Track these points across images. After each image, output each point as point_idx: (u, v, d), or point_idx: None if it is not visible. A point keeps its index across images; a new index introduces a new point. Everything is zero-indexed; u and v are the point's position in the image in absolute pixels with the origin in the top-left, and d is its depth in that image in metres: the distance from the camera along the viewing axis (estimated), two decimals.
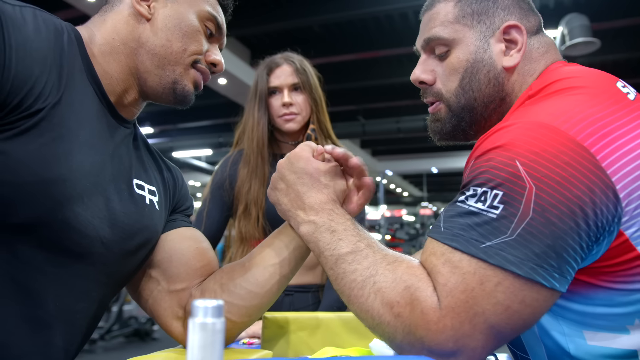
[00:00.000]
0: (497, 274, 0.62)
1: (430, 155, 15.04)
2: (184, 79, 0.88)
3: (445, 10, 0.88)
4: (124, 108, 0.89)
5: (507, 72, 0.85)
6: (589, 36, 4.97)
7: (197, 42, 0.88)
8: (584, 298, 0.69)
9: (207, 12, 0.89)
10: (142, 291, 0.94)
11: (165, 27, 0.85)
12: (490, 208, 0.64)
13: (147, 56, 0.85)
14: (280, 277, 0.88)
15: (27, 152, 0.66)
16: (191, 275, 0.92)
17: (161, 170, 1.00)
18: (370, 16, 6.50)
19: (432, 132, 0.93)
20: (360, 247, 0.74)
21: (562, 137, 0.64)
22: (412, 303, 0.65)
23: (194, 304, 0.41)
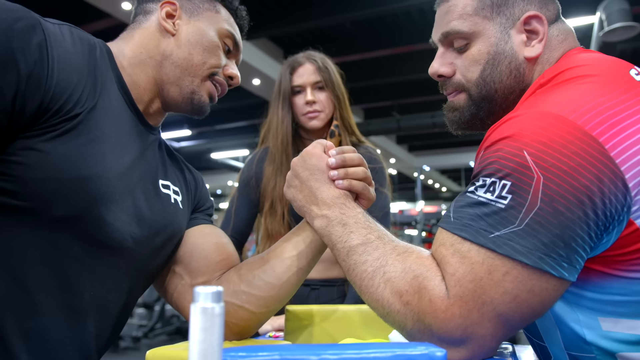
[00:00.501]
0: (505, 263, 0.63)
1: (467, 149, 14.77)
2: (200, 90, 0.95)
3: (464, 3, 0.87)
4: (150, 116, 0.97)
5: (529, 62, 0.85)
6: (629, 20, 4.80)
7: (216, 57, 0.96)
8: (598, 287, 0.69)
9: (226, 30, 0.97)
10: (167, 286, 1.00)
11: (188, 41, 0.93)
12: (499, 198, 0.65)
13: (171, 68, 0.93)
14: (298, 269, 0.92)
15: (67, 152, 0.74)
16: (211, 269, 0.98)
17: (183, 172, 1.07)
18: (402, 11, 6.45)
19: (450, 121, 0.93)
20: (371, 238, 0.76)
21: (570, 126, 0.64)
22: (420, 291, 0.66)
23: (195, 290, 0.44)
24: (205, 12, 0.96)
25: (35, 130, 0.72)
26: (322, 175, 0.86)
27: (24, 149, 0.72)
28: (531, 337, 0.84)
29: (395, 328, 0.72)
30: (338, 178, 0.86)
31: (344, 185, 0.85)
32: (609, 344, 0.70)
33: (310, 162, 0.88)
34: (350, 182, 0.86)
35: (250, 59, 7.06)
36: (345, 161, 0.87)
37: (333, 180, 0.86)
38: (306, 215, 0.88)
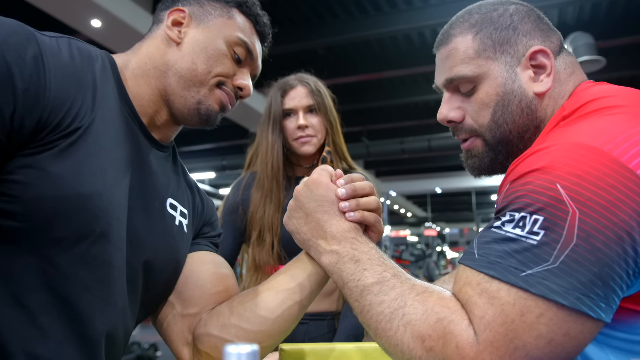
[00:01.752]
0: (539, 304, 0.58)
1: (433, 175, 15.02)
2: (208, 100, 0.89)
3: (465, 46, 0.84)
4: (157, 130, 0.91)
5: (539, 98, 0.82)
6: (594, 54, 4.98)
7: (222, 65, 0.89)
8: (630, 327, 0.65)
9: (237, 38, 0.90)
10: (159, 315, 0.92)
11: (192, 50, 0.87)
12: (530, 234, 0.60)
13: (175, 78, 0.87)
14: (294, 303, 0.85)
15: (66, 169, 0.69)
16: (205, 300, 0.91)
17: (194, 196, 1.01)
18: (374, 38, 6.54)
19: (470, 168, 0.90)
20: (387, 277, 0.71)
21: (605, 158, 0.61)
22: (446, 337, 0.61)
23: (226, 349, 0.37)
24: (217, 19, 0.90)
25: (34, 147, 0.68)
26: (331, 206, 0.80)
27: (23, 167, 0.67)
28: None
29: None
30: (349, 210, 0.80)
31: (355, 218, 0.79)
32: None
33: (317, 192, 0.82)
34: (362, 214, 0.80)
35: None
36: (355, 191, 0.81)
37: (343, 212, 0.80)
38: (311, 250, 0.81)
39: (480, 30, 0.84)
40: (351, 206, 0.79)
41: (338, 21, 6.12)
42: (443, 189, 15.72)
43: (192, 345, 0.88)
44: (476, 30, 0.84)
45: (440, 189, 15.69)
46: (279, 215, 1.50)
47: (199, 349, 0.86)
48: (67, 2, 4.70)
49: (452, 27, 0.88)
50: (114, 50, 5.40)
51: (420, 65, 6.82)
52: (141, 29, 5.29)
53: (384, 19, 5.85)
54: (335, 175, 0.84)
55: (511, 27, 0.83)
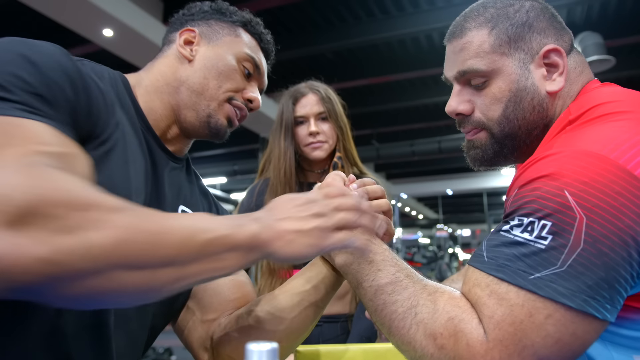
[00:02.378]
0: (547, 306, 0.61)
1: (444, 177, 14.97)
2: (217, 114, 0.94)
3: (480, 40, 0.85)
4: (169, 142, 0.95)
5: (551, 97, 0.83)
6: (603, 54, 4.96)
7: (232, 80, 0.94)
8: (634, 323, 0.67)
9: (245, 54, 0.96)
10: (180, 322, 0.96)
11: (203, 66, 0.93)
12: (538, 239, 0.63)
13: (187, 93, 0.92)
14: (309, 304, 0.87)
15: (103, 177, 0.73)
16: (223, 306, 0.94)
17: (210, 203, 1.05)
18: (382, 41, 6.56)
19: (472, 159, 0.91)
20: (400, 277, 0.73)
21: (611, 165, 0.63)
22: (457, 335, 0.64)
23: (247, 348, 0.40)
24: (225, 38, 0.96)
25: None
26: None
27: None
28: None
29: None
30: None
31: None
32: None
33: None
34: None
35: None
36: (368, 193, 0.84)
37: None
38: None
39: (496, 26, 0.84)
40: None
41: (346, 25, 6.15)
42: (454, 190, 15.65)
43: (211, 350, 0.91)
44: (492, 25, 0.84)
45: (452, 190, 15.63)
46: None
47: (220, 352, 0.89)
48: (80, 11, 4.76)
49: (467, 20, 0.87)
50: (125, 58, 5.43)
51: (429, 68, 6.83)
52: (153, 38, 5.35)
53: (392, 23, 5.87)
54: (349, 180, 0.86)
55: (527, 24, 0.83)
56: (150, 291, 0.54)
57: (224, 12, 0.98)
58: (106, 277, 0.49)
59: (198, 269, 0.56)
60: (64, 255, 0.46)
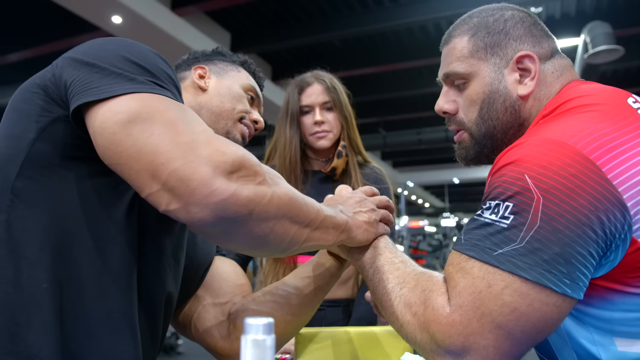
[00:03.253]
0: (505, 278, 0.67)
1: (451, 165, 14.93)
2: (234, 130, 1.10)
3: (461, 45, 0.93)
4: None
5: (523, 99, 0.89)
6: (612, 43, 4.93)
7: (243, 104, 1.12)
8: (611, 304, 0.71)
9: (248, 84, 1.15)
10: (186, 311, 1.02)
11: (218, 93, 1.10)
12: (502, 219, 0.69)
13: (207, 114, 1.07)
14: (316, 287, 1.00)
15: None
16: (232, 290, 1.05)
17: None
18: (390, 29, 6.54)
19: (459, 157, 1.00)
20: (395, 261, 0.85)
21: (568, 150, 0.68)
22: (426, 302, 0.73)
23: (245, 322, 0.44)
24: (230, 72, 1.15)
25: None
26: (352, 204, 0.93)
27: None
28: (544, 358, 0.86)
29: (408, 341, 0.77)
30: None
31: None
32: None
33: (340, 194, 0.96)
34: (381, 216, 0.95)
35: None
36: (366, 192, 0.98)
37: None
38: None
39: (476, 33, 0.93)
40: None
41: (354, 13, 6.13)
42: (461, 179, 15.64)
43: (227, 325, 0.98)
44: (472, 33, 0.93)
45: (458, 179, 15.62)
46: None
47: (236, 324, 0.98)
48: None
49: (454, 29, 0.97)
50: None
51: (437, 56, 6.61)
52: (161, 25, 5.37)
53: (400, 11, 5.85)
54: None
55: (503, 32, 0.91)
56: (294, 244, 0.72)
57: (225, 54, 1.19)
58: (280, 223, 0.68)
59: (318, 235, 0.75)
60: (261, 198, 0.65)
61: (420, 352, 0.75)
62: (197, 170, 0.61)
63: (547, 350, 0.83)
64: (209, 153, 0.63)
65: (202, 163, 0.62)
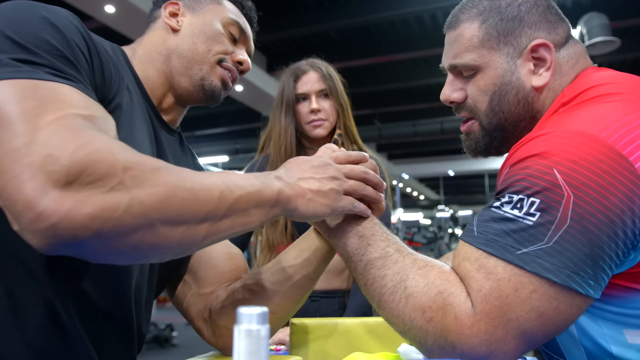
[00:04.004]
0: (532, 281, 0.62)
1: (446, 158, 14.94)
2: (210, 76, 0.97)
3: (470, 33, 0.87)
4: (165, 112, 0.98)
5: (537, 91, 0.84)
6: (608, 35, 4.92)
7: (221, 44, 0.97)
8: (623, 301, 0.69)
9: (230, 19, 1.00)
10: (178, 295, 0.99)
11: (191, 33, 0.97)
12: (527, 215, 0.64)
13: (178, 60, 0.96)
14: (301, 277, 0.89)
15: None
16: (219, 279, 0.97)
17: None
18: (386, 21, 6.50)
19: (467, 148, 0.94)
20: (389, 252, 0.74)
21: (600, 144, 0.64)
22: (445, 308, 0.65)
23: (239, 311, 0.42)
24: (208, 6, 1.00)
25: None
26: None
27: None
28: (551, 354, 0.83)
29: (414, 344, 0.70)
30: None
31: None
32: (636, 355, 0.70)
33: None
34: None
35: None
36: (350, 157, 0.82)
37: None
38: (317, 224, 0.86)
39: (487, 19, 0.86)
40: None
41: (350, 4, 6.09)
42: (456, 171, 15.65)
43: (210, 321, 0.94)
44: (483, 19, 0.86)
45: (453, 171, 15.62)
46: None
47: (218, 323, 0.93)
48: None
49: (462, 12, 0.90)
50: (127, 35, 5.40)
51: (433, 48, 6.77)
52: None
53: (396, 1, 5.82)
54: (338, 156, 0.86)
55: (517, 19, 0.84)
56: (189, 245, 0.59)
57: None
58: (151, 232, 0.53)
59: (229, 224, 0.61)
60: (111, 212, 0.50)
61: (424, 353, 0.69)
62: (22, 187, 0.48)
63: (554, 347, 0.81)
64: (40, 161, 0.49)
65: (30, 176, 0.49)
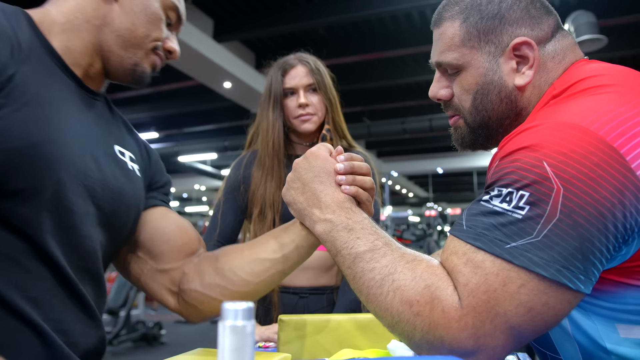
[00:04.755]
0: (521, 275, 0.61)
1: (435, 155, 15.01)
2: (144, 62, 0.92)
3: (452, 32, 0.86)
4: (90, 80, 0.92)
5: (520, 90, 0.83)
6: (595, 33, 4.95)
7: (158, 30, 0.92)
8: (614, 296, 0.68)
9: (171, 2, 0.94)
10: (132, 270, 0.99)
11: (132, 10, 0.89)
12: (516, 209, 0.63)
13: (112, 36, 0.89)
14: (277, 271, 0.91)
15: (9, 120, 0.70)
16: (175, 254, 0.97)
17: (138, 142, 1.05)
18: (375, 17, 6.50)
19: (455, 142, 0.94)
20: (378, 245, 0.73)
21: (591, 137, 0.63)
22: (432, 302, 0.64)
23: (224, 307, 0.40)
24: None
25: None
26: (328, 178, 0.83)
27: None
28: (543, 350, 0.83)
29: (401, 338, 0.69)
30: (345, 183, 0.83)
31: (351, 191, 0.82)
32: (629, 350, 0.69)
33: (315, 163, 0.85)
34: (357, 189, 0.83)
35: (222, 62, 6.98)
36: (354, 168, 0.84)
37: (339, 185, 0.83)
38: (306, 220, 0.84)
39: (468, 18, 0.85)
40: (348, 180, 0.83)
41: (339, 0, 6.08)
42: (444, 169, 15.72)
43: (178, 296, 0.96)
44: (464, 17, 0.85)
45: (442, 169, 15.69)
46: (280, 193, 1.54)
47: (186, 301, 0.94)
48: None
49: (445, 9, 0.89)
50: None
51: (422, 45, 6.79)
52: None
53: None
54: (336, 151, 0.87)
55: (498, 16, 0.83)
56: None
57: None
58: None
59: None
60: None
61: (412, 348, 0.68)
62: None
63: (547, 342, 0.80)
64: None
65: None
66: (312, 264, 1.56)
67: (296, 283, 1.57)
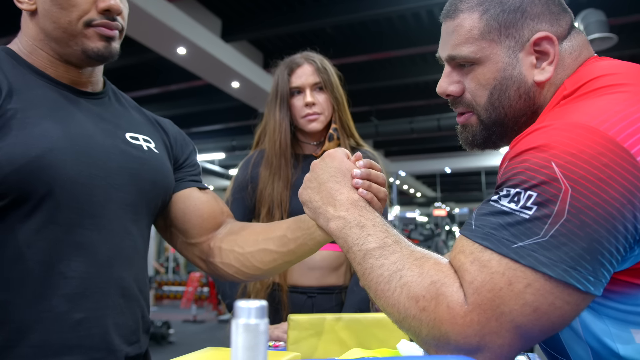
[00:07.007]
0: (527, 275, 0.61)
1: (443, 155, 14.96)
2: (88, 43, 0.92)
3: (470, 24, 0.83)
4: (82, 84, 0.99)
5: (539, 86, 0.82)
6: (605, 32, 4.92)
7: (75, 7, 0.90)
8: (629, 298, 0.68)
9: None
10: (170, 240, 1.16)
11: (45, 10, 0.91)
12: (523, 209, 0.63)
13: (53, 42, 0.93)
14: (283, 262, 1.03)
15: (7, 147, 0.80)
16: (199, 230, 1.11)
17: (150, 121, 1.14)
18: (383, 17, 6.50)
19: (463, 141, 0.92)
20: (388, 242, 0.74)
21: (600, 137, 0.62)
22: (438, 297, 0.64)
23: (236, 305, 0.41)
24: None
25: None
26: (343, 178, 0.85)
27: None
28: (554, 354, 0.81)
29: (409, 334, 0.69)
30: (362, 187, 0.84)
31: (368, 196, 0.83)
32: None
33: (332, 164, 0.87)
34: (373, 197, 0.84)
35: (230, 62, 7.00)
36: (370, 175, 0.85)
37: (356, 187, 0.84)
38: (320, 217, 0.85)
39: (488, 10, 0.82)
40: (364, 185, 0.84)
41: (346, 0, 6.08)
42: (452, 168, 15.67)
43: (207, 262, 1.11)
44: (484, 9, 0.83)
45: (450, 168, 15.64)
46: (288, 192, 1.55)
47: (212, 269, 1.11)
48: None
49: (461, 1, 0.86)
50: None
51: (430, 44, 6.77)
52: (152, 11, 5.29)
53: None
54: (355, 156, 0.89)
55: (519, 10, 0.81)
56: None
57: None
58: None
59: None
60: None
61: (421, 345, 0.68)
62: None
63: (556, 345, 0.79)
64: None
65: None
66: (320, 263, 1.57)
67: (304, 283, 1.58)
